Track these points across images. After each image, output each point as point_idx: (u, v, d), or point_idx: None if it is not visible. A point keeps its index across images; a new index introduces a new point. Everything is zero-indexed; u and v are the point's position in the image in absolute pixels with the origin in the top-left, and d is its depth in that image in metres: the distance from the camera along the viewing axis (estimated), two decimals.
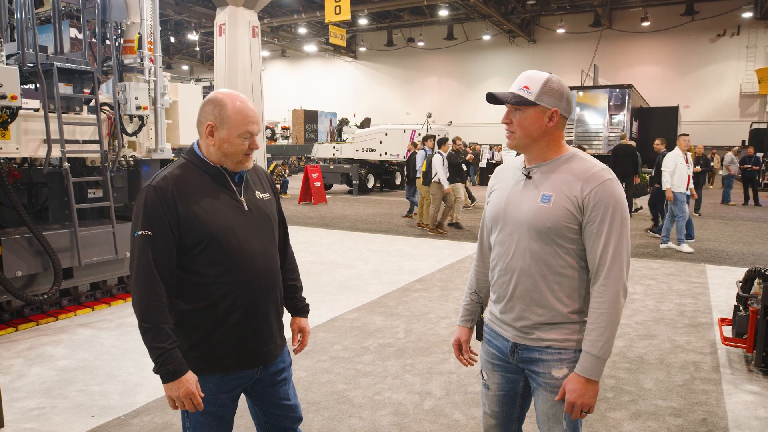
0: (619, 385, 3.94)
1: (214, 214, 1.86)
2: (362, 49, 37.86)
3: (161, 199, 1.81)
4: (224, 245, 1.86)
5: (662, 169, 8.82)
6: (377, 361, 4.35)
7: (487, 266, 2.10)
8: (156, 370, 1.78)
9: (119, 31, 5.92)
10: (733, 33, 29.29)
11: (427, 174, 10.30)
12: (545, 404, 1.91)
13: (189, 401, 1.79)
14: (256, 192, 2.02)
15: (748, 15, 28.06)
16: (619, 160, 12.30)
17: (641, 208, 13.75)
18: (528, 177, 1.88)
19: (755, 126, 25.52)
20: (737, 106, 29.94)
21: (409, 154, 13.57)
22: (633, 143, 14.25)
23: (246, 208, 1.94)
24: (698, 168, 13.24)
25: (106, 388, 3.84)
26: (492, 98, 1.88)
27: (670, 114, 23.01)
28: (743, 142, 24.16)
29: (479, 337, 2.12)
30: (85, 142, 5.64)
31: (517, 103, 1.83)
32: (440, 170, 10.08)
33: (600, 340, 1.77)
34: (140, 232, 1.80)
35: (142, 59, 5.90)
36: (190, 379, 1.80)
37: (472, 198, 15.50)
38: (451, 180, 10.57)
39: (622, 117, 19.86)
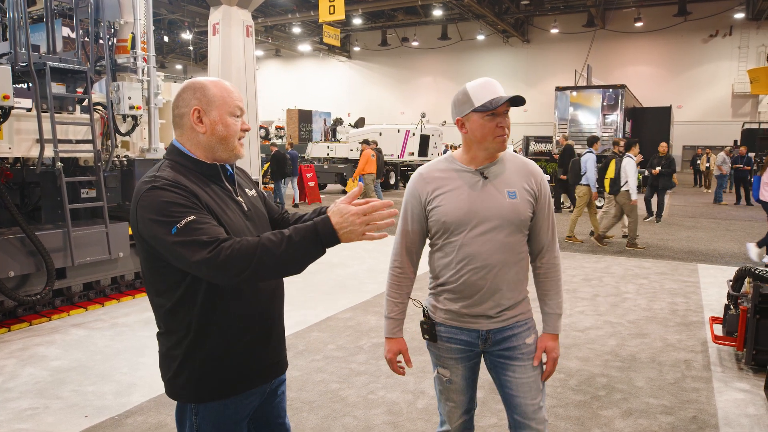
0: (611, 383, 3.96)
1: (225, 217, 1.63)
2: (356, 48, 37.86)
3: (180, 189, 1.54)
4: None
5: None
6: (371, 360, 4.36)
7: (416, 271, 2.16)
8: (322, 240, 1.51)
9: (112, 30, 5.90)
10: (725, 33, 29.50)
11: (616, 181, 9.01)
12: (525, 373, 2.05)
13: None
14: (246, 190, 1.84)
15: (740, 16, 28.26)
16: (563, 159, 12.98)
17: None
18: (485, 177, 2.02)
19: (747, 126, 25.69)
20: (729, 106, 30.16)
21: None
22: (572, 143, 14.54)
23: (246, 209, 1.76)
24: (657, 170, 12.03)
25: (99, 388, 3.84)
26: (517, 101, 1.96)
27: (663, 114, 23.13)
28: (735, 141, 24.29)
29: (434, 338, 2.11)
30: (78, 141, 5.63)
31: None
32: (632, 177, 8.91)
33: (560, 300, 2.14)
34: (179, 225, 1.47)
35: (135, 59, 5.88)
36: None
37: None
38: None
39: (616, 117, 19.95)
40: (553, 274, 2.13)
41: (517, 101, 1.95)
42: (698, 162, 20.40)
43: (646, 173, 13.19)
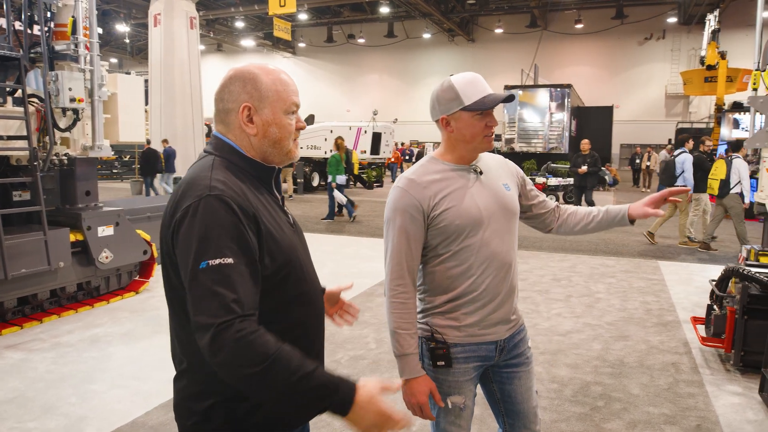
0: (606, 392, 3.80)
1: (280, 232, 1.38)
2: (302, 44, 37.18)
3: (239, 213, 1.27)
4: (298, 272, 1.41)
5: None
6: (352, 376, 4.02)
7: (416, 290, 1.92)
8: (333, 402, 1.25)
9: (49, 13, 5.27)
10: (659, 37, 30.91)
11: (727, 183, 8.56)
12: (528, 380, 2.00)
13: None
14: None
15: (672, 20, 29.63)
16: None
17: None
18: (479, 173, 1.92)
19: (680, 125, 26.94)
20: (663, 106, 31.61)
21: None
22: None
23: (291, 221, 1.51)
24: (584, 169, 11.25)
25: (44, 423, 3.32)
26: (510, 99, 1.90)
27: (606, 113, 23.91)
28: (669, 140, 25.39)
29: (450, 363, 1.87)
30: (9, 138, 5.00)
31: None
32: (747, 179, 8.48)
33: None
34: (214, 262, 1.20)
35: (76, 45, 5.28)
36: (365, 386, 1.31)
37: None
38: (698, 188, 9.10)
39: (562, 116, 20.36)
40: (574, 208, 2.16)
41: (510, 99, 1.88)
42: (638, 161, 20.99)
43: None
